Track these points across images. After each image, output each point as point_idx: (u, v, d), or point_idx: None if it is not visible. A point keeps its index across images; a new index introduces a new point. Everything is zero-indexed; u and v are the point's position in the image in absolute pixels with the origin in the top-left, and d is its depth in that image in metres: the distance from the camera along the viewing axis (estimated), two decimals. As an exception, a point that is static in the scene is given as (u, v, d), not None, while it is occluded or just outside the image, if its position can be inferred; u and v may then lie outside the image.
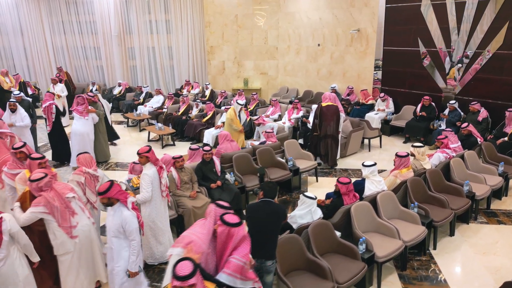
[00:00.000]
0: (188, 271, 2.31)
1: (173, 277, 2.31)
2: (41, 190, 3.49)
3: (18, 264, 3.28)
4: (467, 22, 8.19)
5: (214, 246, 2.86)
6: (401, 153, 5.17)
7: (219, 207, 2.95)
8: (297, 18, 12.07)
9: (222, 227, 2.76)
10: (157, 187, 4.34)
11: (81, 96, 7.57)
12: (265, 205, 3.58)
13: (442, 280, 4.22)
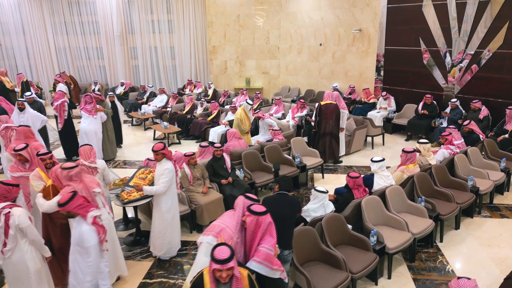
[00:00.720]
0: (227, 255, 2.45)
1: (213, 260, 2.46)
2: (70, 180, 3.60)
3: (29, 257, 3.36)
4: (468, 22, 8.36)
5: (243, 237, 2.99)
6: (408, 149, 5.31)
7: (247, 198, 3.07)
8: (298, 18, 12.21)
9: (250, 217, 2.89)
10: (174, 181, 4.51)
11: (89, 95, 7.67)
12: (281, 198, 3.73)
13: (450, 271, 4.37)
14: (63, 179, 3.59)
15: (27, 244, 3.32)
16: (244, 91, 11.16)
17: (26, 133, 5.24)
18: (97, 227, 3.27)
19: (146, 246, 4.94)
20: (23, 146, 4.39)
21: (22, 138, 5.15)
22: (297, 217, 4.03)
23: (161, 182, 4.33)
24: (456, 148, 6.08)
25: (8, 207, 3.21)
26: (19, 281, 3.35)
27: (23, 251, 3.29)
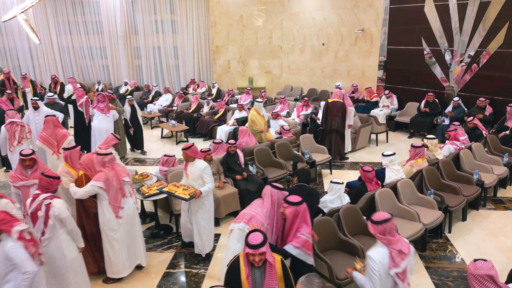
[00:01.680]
0: (260, 241, 2.63)
1: (246, 245, 2.63)
2: (103, 166, 3.79)
3: (66, 246, 3.52)
4: (469, 22, 8.60)
5: (273, 223, 3.17)
6: (417, 144, 5.53)
7: (274, 188, 3.25)
8: (301, 18, 12.41)
9: (289, 208, 3.08)
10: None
11: (101, 94, 7.82)
12: (300, 189, 3.93)
13: (460, 259, 4.59)
14: (97, 164, 3.78)
15: (65, 234, 3.49)
16: (248, 90, 11.35)
17: (55, 122, 5.78)
18: (24, 242, 2.89)
19: (166, 238, 5.11)
20: (30, 151, 4.19)
21: (51, 127, 5.65)
22: (315, 207, 4.23)
23: (207, 179, 4.40)
24: (461, 144, 6.31)
25: (49, 198, 3.37)
26: (55, 270, 3.51)
27: (60, 240, 3.46)
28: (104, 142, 5.46)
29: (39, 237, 3.35)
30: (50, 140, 5.80)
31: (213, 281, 4.25)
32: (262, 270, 2.75)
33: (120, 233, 4.04)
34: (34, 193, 3.43)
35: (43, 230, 3.36)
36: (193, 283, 4.26)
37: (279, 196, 3.26)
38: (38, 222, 3.35)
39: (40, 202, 3.35)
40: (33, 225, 3.38)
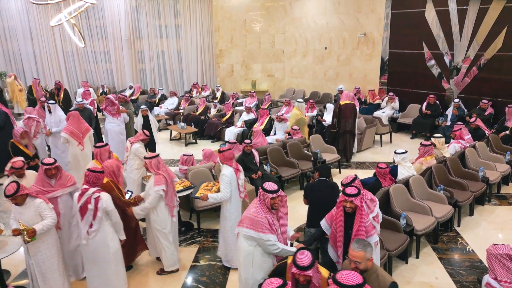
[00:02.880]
0: (307, 263, 2.59)
1: (294, 264, 2.63)
2: (159, 168, 4.00)
3: (111, 238, 3.74)
4: (469, 27, 8.94)
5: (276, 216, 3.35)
6: (426, 142, 5.81)
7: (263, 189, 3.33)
8: (304, 23, 12.71)
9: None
10: (235, 187, 4.41)
11: (109, 98, 7.99)
12: (322, 183, 4.14)
13: (470, 251, 4.85)
14: (153, 167, 4.01)
15: (109, 226, 3.69)
16: (253, 94, 11.59)
17: (78, 116, 6.37)
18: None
19: (188, 234, 5.31)
20: (53, 160, 3.97)
21: (76, 120, 6.25)
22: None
23: (221, 189, 4.34)
24: (466, 143, 6.59)
25: (98, 191, 3.57)
26: (99, 260, 3.71)
27: (105, 232, 3.66)
28: (135, 137, 5.73)
29: (86, 229, 3.54)
30: (76, 132, 6.28)
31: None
32: (306, 286, 2.73)
33: (172, 231, 4.32)
34: (83, 187, 3.62)
35: (91, 223, 3.55)
36: (220, 275, 4.46)
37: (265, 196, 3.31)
38: (87, 215, 3.55)
39: (89, 195, 3.55)
40: (81, 218, 3.58)
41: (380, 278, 2.65)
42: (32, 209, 3.59)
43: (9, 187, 3.50)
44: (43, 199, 3.68)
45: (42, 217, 3.61)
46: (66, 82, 14.70)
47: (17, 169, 4.19)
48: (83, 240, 3.63)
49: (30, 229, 3.44)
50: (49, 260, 3.73)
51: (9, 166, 4.23)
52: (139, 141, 5.68)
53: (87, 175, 3.65)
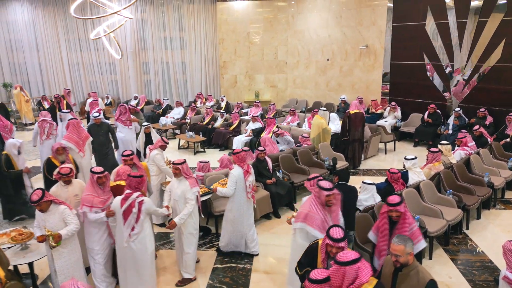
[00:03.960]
0: (340, 236, 2.99)
1: (328, 237, 3.00)
2: (189, 172, 4.23)
3: (148, 240, 3.92)
4: (468, 39, 9.30)
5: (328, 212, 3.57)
6: (434, 149, 6.05)
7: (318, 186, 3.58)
8: (306, 36, 13.06)
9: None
10: (241, 187, 4.76)
11: (123, 106, 8.19)
12: (341, 187, 4.34)
13: (480, 252, 5.05)
14: (185, 172, 4.25)
15: (149, 228, 3.90)
16: (257, 103, 11.85)
17: (78, 124, 6.73)
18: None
19: (207, 238, 5.47)
20: (102, 169, 4.10)
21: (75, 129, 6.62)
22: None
23: (227, 185, 4.79)
24: (471, 149, 6.85)
25: (140, 196, 3.76)
26: (137, 262, 3.88)
27: (145, 234, 3.85)
28: (155, 144, 5.91)
29: (128, 232, 3.71)
30: (76, 139, 6.68)
31: (259, 274, 4.64)
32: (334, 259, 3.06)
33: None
34: (126, 192, 3.80)
35: (133, 226, 3.72)
36: (242, 276, 4.61)
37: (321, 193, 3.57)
38: (130, 218, 3.74)
39: (133, 199, 3.75)
40: (124, 222, 3.76)
41: (420, 274, 2.82)
42: (56, 215, 3.71)
43: (34, 194, 3.63)
44: (67, 205, 3.80)
45: (66, 223, 3.73)
46: (71, 93, 14.88)
47: (63, 175, 4.18)
48: (124, 243, 3.78)
49: (55, 234, 3.57)
50: (72, 266, 3.84)
51: (56, 171, 4.28)
52: (157, 148, 5.86)
53: (129, 181, 3.85)
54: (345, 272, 2.58)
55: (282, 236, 5.56)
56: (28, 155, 9.66)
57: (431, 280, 2.80)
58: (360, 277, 2.57)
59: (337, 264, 2.62)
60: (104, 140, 7.34)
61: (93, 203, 3.95)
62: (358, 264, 2.60)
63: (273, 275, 4.64)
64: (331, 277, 2.62)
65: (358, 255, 2.66)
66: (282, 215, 6.18)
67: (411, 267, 2.86)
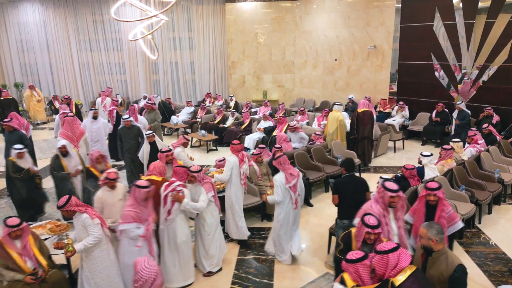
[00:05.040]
0: (376, 223, 3.24)
1: (364, 225, 3.24)
2: (204, 178, 4.44)
3: (180, 228, 4.19)
4: (476, 39, 9.48)
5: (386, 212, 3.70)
6: (447, 146, 6.25)
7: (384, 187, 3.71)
8: (314, 36, 13.26)
9: None
10: (236, 173, 5.20)
11: (133, 106, 8.39)
12: (350, 178, 4.53)
13: (493, 244, 5.24)
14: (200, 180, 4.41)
15: (181, 219, 4.15)
16: (267, 103, 12.05)
17: (73, 121, 6.82)
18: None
19: (225, 232, 5.66)
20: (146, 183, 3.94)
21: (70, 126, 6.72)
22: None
23: (223, 171, 5.24)
24: (481, 147, 7.04)
25: (181, 186, 3.98)
26: (171, 245, 4.16)
27: (176, 223, 4.11)
28: (177, 141, 6.13)
29: (165, 216, 3.95)
30: (70, 136, 6.83)
31: (282, 265, 4.83)
32: (370, 246, 3.33)
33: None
34: (171, 179, 4.06)
35: (169, 210, 3.96)
36: (266, 266, 4.81)
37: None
38: (167, 203, 3.99)
39: (174, 187, 4.01)
40: (164, 205, 4.03)
41: (449, 259, 3.01)
42: (79, 222, 3.72)
43: (61, 200, 3.70)
44: (89, 214, 3.74)
45: (88, 232, 3.69)
46: (81, 93, 15.13)
47: (111, 180, 4.18)
48: (161, 225, 4.08)
49: (72, 249, 3.61)
50: (102, 273, 3.80)
51: (104, 176, 4.25)
52: (180, 145, 6.07)
53: (177, 170, 4.21)
54: (388, 260, 2.77)
55: (301, 231, 5.73)
56: (44, 153, 9.88)
57: (460, 265, 2.98)
58: (400, 262, 2.77)
59: (380, 254, 2.82)
60: (135, 145, 7.03)
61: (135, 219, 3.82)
62: (399, 251, 2.79)
63: (296, 266, 4.84)
64: (375, 266, 2.83)
65: (397, 244, 2.87)
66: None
67: (441, 252, 3.05)
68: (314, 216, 6.24)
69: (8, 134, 6.91)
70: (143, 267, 2.55)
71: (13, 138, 6.78)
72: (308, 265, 4.86)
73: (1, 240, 3.65)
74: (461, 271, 2.97)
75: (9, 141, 6.79)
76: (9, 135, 6.89)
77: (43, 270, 3.73)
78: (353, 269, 2.91)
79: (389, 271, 2.77)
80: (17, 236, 3.68)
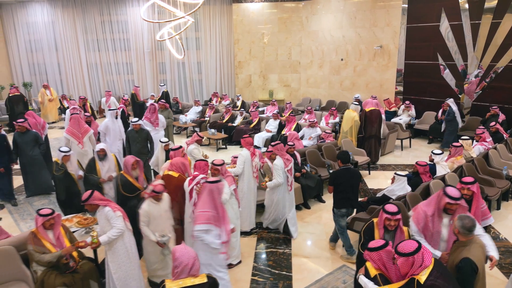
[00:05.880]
0: (396, 209, 3.39)
1: (384, 212, 3.38)
2: (226, 172, 4.60)
3: None
4: (482, 39, 9.63)
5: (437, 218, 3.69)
6: (456, 144, 6.41)
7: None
8: (320, 36, 13.42)
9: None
10: (248, 166, 5.56)
11: (153, 105, 8.51)
12: (345, 170, 4.83)
13: (504, 238, 5.40)
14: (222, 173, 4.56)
15: None
16: (274, 102, 12.20)
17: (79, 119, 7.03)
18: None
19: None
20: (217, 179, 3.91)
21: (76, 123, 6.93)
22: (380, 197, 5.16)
23: (237, 164, 5.55)
24: (489, 144, 7.20)
25: (204, 178, 4.12)
26: None
27: None
28: (191, 139, 6.28)
29: (192, 209, 4.09)
30: (76, 133, 7.02)
31: (299, 258, 5.00)
32: (391, 234, 3.51)
33: None
34: (194, 174, 4.19)
35: (195, 202, 4.10)
36: (284, 259, 4.96)
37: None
38: (193, 196, 4.13)
39: (198, 181, 4.14)
40: (190, 199, 4.17)
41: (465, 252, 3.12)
42: (102, 216, 3.83)
43: (85, 194, 3.84)
44: (111, 208, 3.83)
45: (111, 225, 3.80)
46: (89, 93, 15.27)
47: (157, 193, 4.07)
48: (188, 218, 4.22)
49: (97, 241, 3.71)
50: (125, 265, 3.89)
51: (150, 188, 4.11)
52: (194, 143, 6.22)
53: (198, 164, 4.36)
54: (414, 261, 2.79)
55: (315, 226, 5.92)
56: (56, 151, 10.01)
57: (467, 258, 3.06)
58: (425, 261, 2.81)
59: (404, 256, 2.81)
60: (141, 149, 6.99)
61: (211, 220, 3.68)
62: (421, 250, 2.83)
63: (312, 259, 5.00)
64: (400, 267, 2.86)
65: (418, 243, 2.86)
66: (312, 206, 6.55)
67: (463, 243, 3.17)
68: (326, 211, 6.38)
69: (21, 134, 6.75)
70: (182, 254, 2.70)
71: (28, 139, 6.76)
72: (324, 258, 5.02)
73: (36, 230, 3.80)
74: (465, 263, 3.05)
75: (22, 142, 6.72)
76: (22, 136, 6.75)
77: (74, 261, 3.88)
78: (377, 257, 3.03)
79: (413, 271, 2.81)
80: (51, 225, 3.84)
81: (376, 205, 5.18)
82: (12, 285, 3.83)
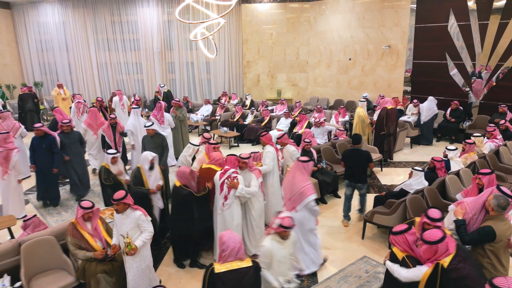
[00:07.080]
0: (438, 216, 3.39)
1: (425, 216, 3.43)
2: (253, 165, 4.78)
3: (236, 213, 4.52)
4: (489, 39, 9.81)
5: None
6: (469, 140, 6.61)
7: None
8: (328, 36, 13.60)
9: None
10: (275, 162, 5.64)
11: (160, 103, 8.70)
12: (353, 150, 5.63)
13: (517, 231, 5.57)
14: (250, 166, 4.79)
15: (238, 203, 4.46)
16: (283, 101, 12.39)
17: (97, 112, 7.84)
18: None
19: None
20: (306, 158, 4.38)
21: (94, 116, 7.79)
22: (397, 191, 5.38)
23: (264, 162, 5.53)
24: (500, 141, 7.39)
25: (235, 172, 4.32)
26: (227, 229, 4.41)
27: (233, 206, 4.42)
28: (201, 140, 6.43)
29: (222, 202, 4.28)
30: (92, 124, 7.86)
31: (322, 251, 5.15)
32: None
33: None
34: (225, 168, 4.37)
35: (226, 196, 4.29)
36: (306, 251, 5.14)
37: None
38: (224, 189, 4.29)
39: (229, 174, 4.31)
40: (220, 192, 4.36)
41: (489, 223, 3.38)
42: (132, 220, 3.83)
43: (118, 192, 3.81)
44: (143, 212, 3.89)
45: (140, 229, 3.85)
46: (99, 92, 15.46)
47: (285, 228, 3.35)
48: (219, 210, 4.40)
49: (134, 246, 3.71)
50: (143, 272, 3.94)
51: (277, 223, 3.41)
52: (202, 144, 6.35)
53: (229, 158, 4.53)
54: (437, 249, 2.96)
55: (332, 219, 6.11)
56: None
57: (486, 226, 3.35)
58: (449, 249, 2.98)
59: (428, 244, 2.98)
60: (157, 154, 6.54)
61: None
62: (447, 239, 2.98)
63: (333, 250, 5.18)
64: (423, 253, 3.04)
65: (444, 232, 3.01)
66: (328, 201, 6.74)
67: (491, 217, 3.41)
68: (342, 206, 6.56)
69: (66, 135, 6.68)
70: (229, 238, 2.88)
71: (74, 139, 6.76)
72: (346, 249, 5.21)
73: (76, 221, 3.99)
74: (485, 227, 3.35)
75: (69, 142, 6.66)
76: (68, 136, 6.68)
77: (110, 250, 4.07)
78: (402, 240, 3.16)
79: (437, 256, 2.98)
80: (89, 218, 4.03)
81: (394, 199, 5.37)
82: (53, 273, 4.01)
